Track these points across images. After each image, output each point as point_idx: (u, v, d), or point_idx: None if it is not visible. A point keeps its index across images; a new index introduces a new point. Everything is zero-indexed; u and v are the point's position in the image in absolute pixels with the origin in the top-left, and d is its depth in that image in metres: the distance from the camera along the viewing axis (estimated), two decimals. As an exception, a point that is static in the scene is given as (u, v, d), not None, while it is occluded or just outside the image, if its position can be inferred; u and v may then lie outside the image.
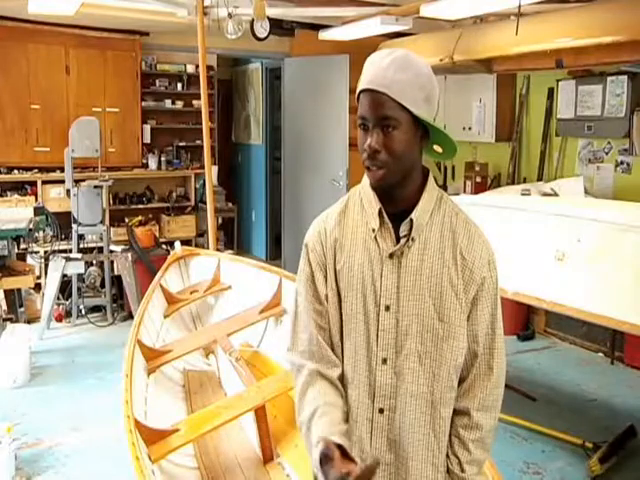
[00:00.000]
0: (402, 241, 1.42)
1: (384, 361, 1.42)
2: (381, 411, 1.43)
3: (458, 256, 1.42)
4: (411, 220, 1.41)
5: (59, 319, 5.95)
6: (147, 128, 6.92)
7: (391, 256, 1.42)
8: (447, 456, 1.45)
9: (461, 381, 1.46)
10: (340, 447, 1.26)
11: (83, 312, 6.04)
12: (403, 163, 1.39)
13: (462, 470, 1.44)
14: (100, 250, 6.14)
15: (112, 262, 6.05)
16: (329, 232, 1.49)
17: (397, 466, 1.44)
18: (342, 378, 1.46)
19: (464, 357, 1.44)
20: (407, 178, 1.42)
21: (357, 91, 1.40)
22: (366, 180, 1.48)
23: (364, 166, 1.41)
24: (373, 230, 1.44)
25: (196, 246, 6.42)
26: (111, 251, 6.02)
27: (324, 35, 6.10)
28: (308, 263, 1.51)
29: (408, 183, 1.43)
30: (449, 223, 1.44)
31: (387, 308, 1.42)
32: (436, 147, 1.46)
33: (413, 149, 1.39)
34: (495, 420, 1.47)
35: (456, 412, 1.46)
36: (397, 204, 1.44)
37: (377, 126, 1.36)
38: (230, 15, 4.73)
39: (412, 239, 1.41)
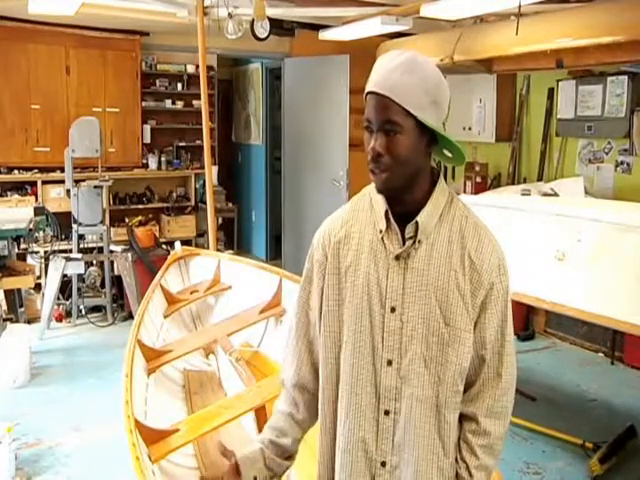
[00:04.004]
0: (408, 243, 1.40)
1: (389, 363, 1.40)
2: (387, 413, 1.42)
3: (466, 260, 1.39)
4: (416, 222, 1.39)
5: (59, 319, 5.95)
6: (147, 128, 6.92)
7: (397, 258, 1.40)
8: (456, 461, 1.44)
9: (470, 386, 1.44)
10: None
11: (83, 312, 6.04)
12: (407, 167, 1.36)
13: (470, 475, 1.43)
14: (100, 250, 6.14)
15: (112, 262, 6.05)
16: (335, 232, 1.48)
17: (402, 469, 1.42)
18: (318, 384, 1.54)
19: (472, 362, 1.42)
20: (413, 182, 1.40)
21: (365, 92, 1.38)
22: None
23: (368, 169, 1.39)
24: (380, 231, 1.42)
25: (196, 246, 6.41)
26: (111, 251, 6.02)
27: (324, 35, 6.10)
28: (310, 261, 1.53)
29: (414, 187, 1.41)
30: (458, 226, 1.42)
31: (393, 310, 1.40)
32: (446, 152, 1.44)
33: (418, 153, 1.37)
34: (505, 427, 1.45)
35: (465, 417, 1.45)
36: (405, 206, 1.41)
37: (381, 130, 1.34)
38: (230, 15, 4.73)
39: (419, 241, 1.39)
